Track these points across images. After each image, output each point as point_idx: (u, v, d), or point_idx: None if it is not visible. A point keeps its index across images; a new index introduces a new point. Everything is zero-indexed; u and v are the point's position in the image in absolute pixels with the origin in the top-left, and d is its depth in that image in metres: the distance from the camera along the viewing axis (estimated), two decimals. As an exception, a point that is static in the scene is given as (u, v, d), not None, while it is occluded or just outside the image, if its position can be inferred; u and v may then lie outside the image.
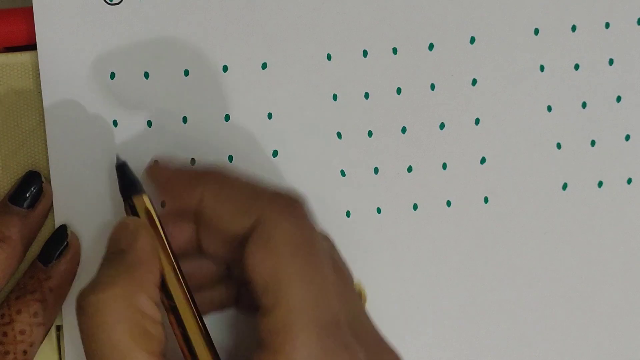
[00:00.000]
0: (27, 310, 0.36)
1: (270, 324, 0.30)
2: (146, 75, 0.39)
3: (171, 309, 0.33)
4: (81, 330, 0.32)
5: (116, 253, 0.33)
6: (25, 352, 0.36)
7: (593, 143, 0.42)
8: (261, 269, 0.30)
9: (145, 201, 0.35)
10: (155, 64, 0.39)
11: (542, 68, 0.41)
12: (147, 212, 0.34)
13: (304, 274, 0.30)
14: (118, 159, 0.36)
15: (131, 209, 0.35)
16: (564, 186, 0.42)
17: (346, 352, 0.30)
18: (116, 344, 0.30)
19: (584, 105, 0.42)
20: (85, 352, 0.32)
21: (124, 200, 0.35)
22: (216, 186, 0.33)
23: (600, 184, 0.42)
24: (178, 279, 0.33)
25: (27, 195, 0.38)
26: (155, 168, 0.36)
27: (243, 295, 0.36)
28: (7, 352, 0.35)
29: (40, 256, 0.38)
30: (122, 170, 0.36)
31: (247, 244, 0.31)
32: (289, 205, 0.32)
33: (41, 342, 0.37)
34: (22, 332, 0.36)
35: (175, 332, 0.33)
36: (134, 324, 0.31)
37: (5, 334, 0.36)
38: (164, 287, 0.33)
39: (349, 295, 0.33)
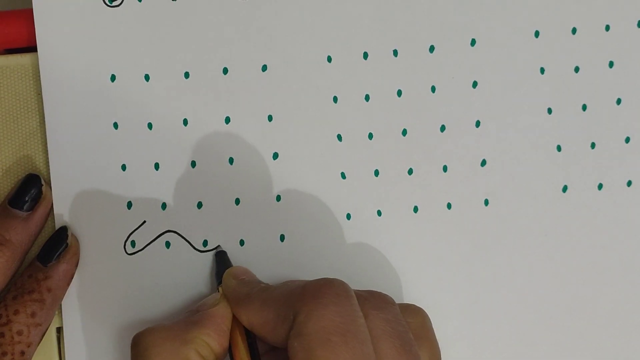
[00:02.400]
0: (24, 310, 0.36)
1: None
2: (146, 77, 0.39)
3: None
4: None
5: (191, 311, 0.36)
6: (22, 353, 0.36)
7: (593, 145, 0.42)
8: None
9: None
10: (156, 66, 0.39)
11: (542, 70, 0.41)
12: None
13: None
14: (219, 247, 0.40)
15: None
16: (564, 188, 0.42)
17: None
18: None
19: (584, 107, 0.42)
20: None
21: (217, 285, 0.38)
22: (254, 308, 0.34)
23: (600, 186, 0.42)
24: (247, 357, 0.35)
25: (27, 198, 0.38)
26: (226, 279, 0.37)
27: None
28: (4, 353, 0.35)
29: (40, 256, 0.38)
30: (221, 258, 0.39)
31: (287, 342, 0.32)
32: (317, 295, 0.32)
33: (38, 343, 0.37)
34: (19, 333, 0.36)
35: None
36: None
37: (2, 335, 0.36)
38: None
39: None
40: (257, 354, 0.35)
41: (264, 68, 0.40)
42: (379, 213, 0.41)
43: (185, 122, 0.39)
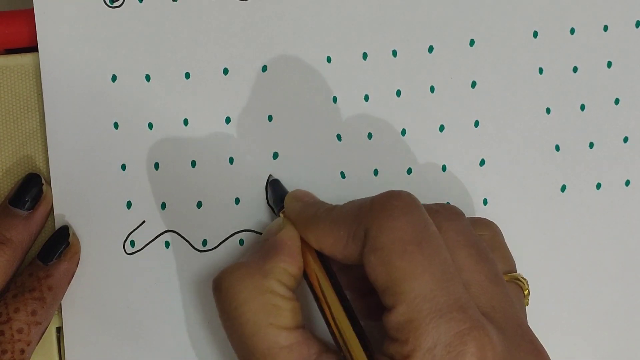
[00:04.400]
0: (25, 308, 0.36)
1: (394, 321, 0.31)
2: (147, 77, 0.39)
3: (316, 299, 0.34)
4: (217, 307, 0.35)
5: (260, 242, 0.36)
6: (22, 351, 0.36)
7: (591, 145, 0.42)
8: (376, 276, 0.32)
9: None
10: (156, 67, 0.39)
11: (540, 70, 0.42)
12: None
13: (415, 270, 0.31)
14: (271, 176, 0.40)
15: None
16: (563, 188, 0.42)
17: (473, 333, 0.30)
18: (247, 321, 0.33)
19: (582, 107, 0.42)
20: (224, 327, 0.35)
21: (277, 211, 0.38)
22: (323, 228, 0.34)
23: (598, 185, 0.42)
24: (323, 275, 0.35)
25: (28, 197, 0.38)
26: (289, 202, 0.38)
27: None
28: (4, 351, 0.35)
29: (41, 255, 0.38)
30: (275, 185, 0.39)
31: (362, 258, 0.32)
32: (386, 207, 0.32)
33: (38, 342, 0.37)
34: (20, 331, 0.36)
35: (327, 324, 0.34)
36: (263, 302, 0.33)
37: (2, 333, 0.36)
38: (307, 278, 0.35)
39: (488, 284, 0.33)
40: (332, 272, 0.35)
41: (264, 68, 0.40)
42: (379, 213, 0.41)
43: (185, 122, 0.39)
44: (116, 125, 0.39)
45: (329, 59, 0.40)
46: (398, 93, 0.41)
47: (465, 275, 0.33)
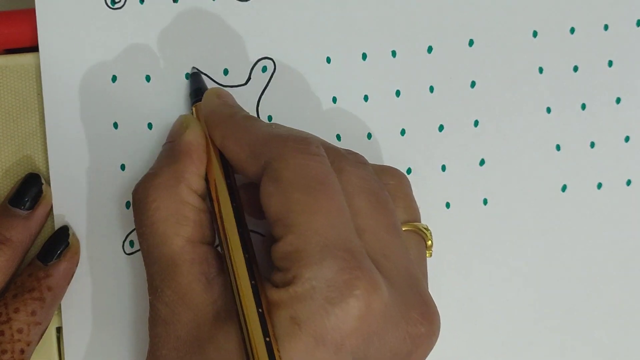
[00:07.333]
0: (25, 309, 0.36)
1: (281, 251, 0.31)
2: (147, 78, 0.39)
3: (212, 202, 0.34)
4: (134, 216, 0.35)
5: (166, 144, 0.36)
6: (22, 351, 0.36)
7: (592, 145, 0.42)
8: (271, 203, 0.32)
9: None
10: (157, 67, 0.39)
11: (540, 70, 0.41)
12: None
13: (313, 205, 0.31)
14: (194, 68, 0.39)
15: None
16: (563, 188, 0.42)
17: (360, 277, 0.30)
18: (156, 230, 0.34)
19: (583, 106, 0.42)
20: (137, 236, 0.35)
21: (191, 103, 0.38)
22: (234, 130, 0.35)
23: (599, 185, 0.42)
24: (223, 175, 0.34)
25: (27, 197, 0.38)
26: (209, 96, 0.37)
27: None
28: (4, 351, 0.35)
29: (40, 255, 0.38)
30: (194, 78, 0.39)
31: (260, 183, 0.33)
32: (298, 145, 0.33)
33: (38, 342, 0.37)
34: (20, 331, 0.36)
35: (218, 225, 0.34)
36: (173, 211, 0.34)
37: (2, 333, 0.36)
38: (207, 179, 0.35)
39: (382, 233, 0.33)
40: (233, 177, 0.35)
41: (264, 69, 0.40)
42: (378, 213, 0.41)
43: (185, 122, 0.40)
44: (116, 126, 0.39)
45: (328, 59, 0.40)
46: (397, 93, 0.41)
47: (360, 221, 0.33)
